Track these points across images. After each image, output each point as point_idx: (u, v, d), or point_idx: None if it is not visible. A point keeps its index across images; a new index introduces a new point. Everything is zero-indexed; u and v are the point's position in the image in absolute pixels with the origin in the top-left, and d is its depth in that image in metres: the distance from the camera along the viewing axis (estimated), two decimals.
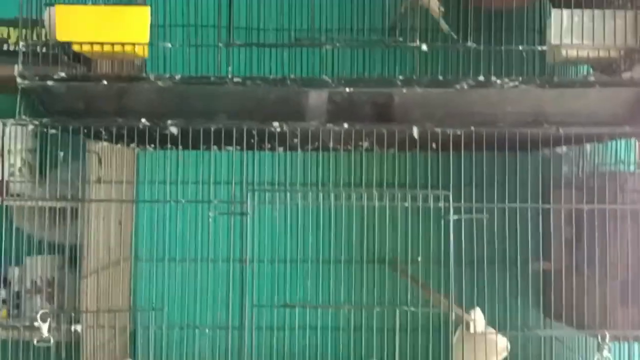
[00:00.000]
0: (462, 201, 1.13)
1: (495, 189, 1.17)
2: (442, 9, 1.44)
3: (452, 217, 1.11)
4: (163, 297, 1.43)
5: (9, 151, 1.48)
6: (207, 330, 1.33)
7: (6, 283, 1.59)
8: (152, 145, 1.48)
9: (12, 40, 1.47)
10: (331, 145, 1.30)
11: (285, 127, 1.17)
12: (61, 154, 1.20)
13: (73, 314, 1.18)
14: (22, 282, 1.57)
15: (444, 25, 1.44)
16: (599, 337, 1.15)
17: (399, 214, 1.16)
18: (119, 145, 1.51)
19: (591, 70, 1.39)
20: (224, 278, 1.43)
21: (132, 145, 1.53)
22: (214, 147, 1.42)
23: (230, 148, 1.31)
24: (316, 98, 1.17)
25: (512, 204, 1.17)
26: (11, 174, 1.55)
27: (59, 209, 1.49)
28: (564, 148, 1.42)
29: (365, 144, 1.30)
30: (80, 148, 1.36)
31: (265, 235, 1.46)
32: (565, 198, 1.24)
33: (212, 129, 1.17)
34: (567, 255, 1.26)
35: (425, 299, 1.28)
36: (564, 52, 1.18)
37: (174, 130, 1.17)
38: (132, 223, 1.69)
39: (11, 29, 1.48)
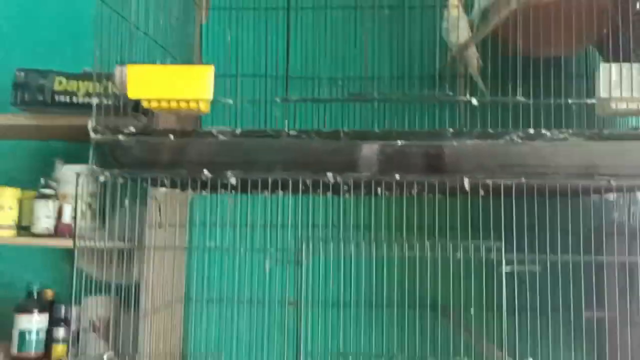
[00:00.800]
0: (515, 253, 1.14)
1: (547, 238, 1.18)
2: (481, 62, 1.48)
3: (505, 268, 1.12)
4: (214, 341, 1.47)
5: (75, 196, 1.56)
6: None
7: (66, 322, 1.66)
8: (206, 191, 1.54)
9: (81, 93, 1.57)
10: (381, 192, 1.33)
11: (338, 178, 1.21)
12: (126, 200, 1.26)
13: (135, 357, 1.23)
14: (81, 321, 1.64)
15: (477, 78, 1.47)
16: None
17: (451, 263, 1.18)
18: (176, 190, 1.58)
19: None
20: (273, 325, 1.46)
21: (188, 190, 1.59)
22: (266, 193, 1.47)
23: (281, 193, 1.36)
24: (368, 150, 1.21)
25: (564, 255, 1.17)
26: (74, 217, 1.63)
27: (119, 252, 1.56)
28: (614, 195, 1.41)
29: (414, 192, 1.32)
30: (139, 193, 1.42)
31: (316, 282, 1.49)
32: (617, 246, 1.23)
33: (270, 180, 1.22)
34: (621, 305, 1.24)
35: (479, 350, 1.28)
36: (613, 106, 1.19)
37: (233, 181, 1.23)
38: (184, 265, 1.75)
39: (80, 82, 1.58)
